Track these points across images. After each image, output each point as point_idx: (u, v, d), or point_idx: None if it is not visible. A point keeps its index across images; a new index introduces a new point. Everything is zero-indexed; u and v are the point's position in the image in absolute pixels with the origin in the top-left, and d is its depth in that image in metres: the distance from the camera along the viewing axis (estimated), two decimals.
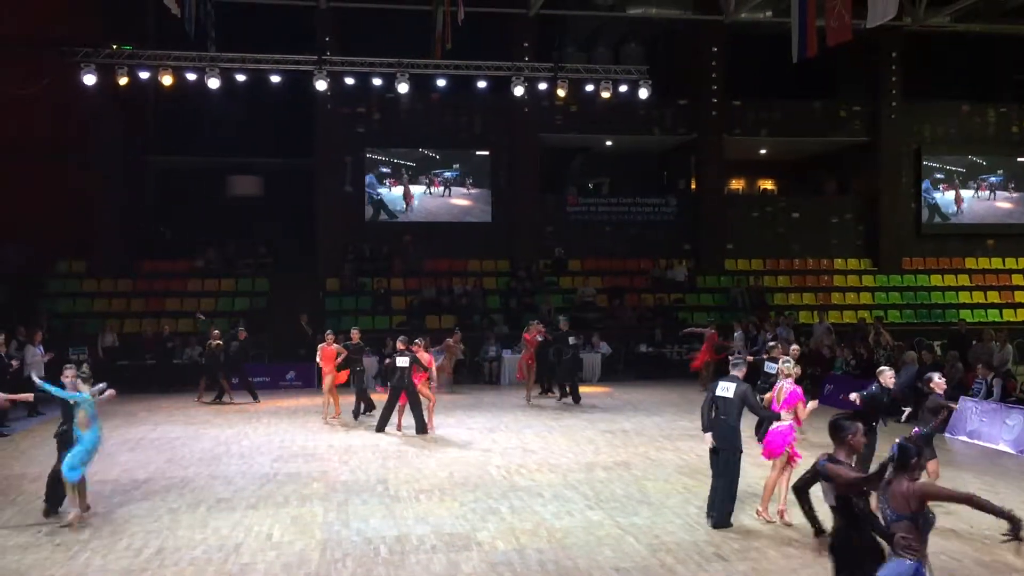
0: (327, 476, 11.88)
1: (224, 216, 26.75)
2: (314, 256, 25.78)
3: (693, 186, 28.09)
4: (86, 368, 10.02)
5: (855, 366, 19.35)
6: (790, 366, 10.37)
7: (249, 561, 8.31)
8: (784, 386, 10.02)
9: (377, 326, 23.21)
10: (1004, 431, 14.22)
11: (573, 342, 18.96)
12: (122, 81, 20.84)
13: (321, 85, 21.82)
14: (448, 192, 26.23)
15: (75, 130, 24.13)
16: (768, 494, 9.62)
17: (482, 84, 23.24)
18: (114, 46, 21.09)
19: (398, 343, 15.29)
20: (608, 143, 28.40)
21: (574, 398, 18.66)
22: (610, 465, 12.49)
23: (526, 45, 25.29)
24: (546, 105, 25.48)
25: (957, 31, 26.12)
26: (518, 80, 22.68)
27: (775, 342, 15.53)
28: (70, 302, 23.67)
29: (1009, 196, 28.53)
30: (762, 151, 29.90)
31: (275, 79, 21.87)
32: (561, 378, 19.15)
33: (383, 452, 13.52)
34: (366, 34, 24.17)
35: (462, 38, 19.67)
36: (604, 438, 14.64)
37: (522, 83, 22.71)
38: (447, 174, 26.20)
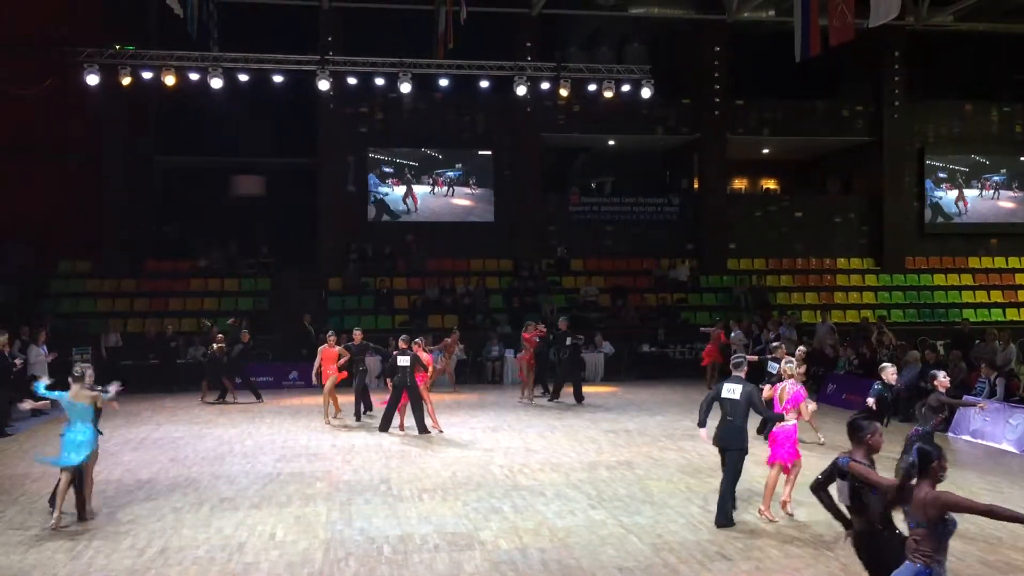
0: (330, 476, 11.89)
1: (227, 216, 26.79)
2: (317, 256, 25.82)
3: (696, 186, 28.07)
4: (78, 368, 9.79)
5: (858, 366, 19.34)
6: (792, 367, 10.42)
7: (252, 560, 8.31)
8: (787, 387, 10.07)
9: (380, 326, 23.22)
10: (1007, 431, 14.20)
11: (571, 342, 18.96)
12: (125, 81, 20.88)
13: (324, 85, 21.83)
14: (451, 192, 26.24)
15: (78, 130, 24.15)
16: (770, 493, 9.62)
17: (485, 84, 23.22)
18: (117, 46, 21.11)
19: (400, 342, 15.31)
20: (611, 143, 28.41)
21: (577, 397, 18.64)
22: (613, 464, 12.49)
23: (529, 45, 25.30)
24: (549, 105, 25.48)
25: (960, 30, 26.13)
26: (521, 80, 22.68)
27: (779, 342, 15.52)
28: (74, 302, 23.68)
29: (1012, 195, 28.49)
30: (765, 151, 29.88)
31: (278, 79, 21.88)
32: (560, 378, 19.16)
33: (386, 452, 13.53)
34: (369, 34, 24.17)
35: (465, 38, 19.69)
36: (607, 438, 14.64)
37: (525, 83, 22.71)
38: (450, 174, 26.21)
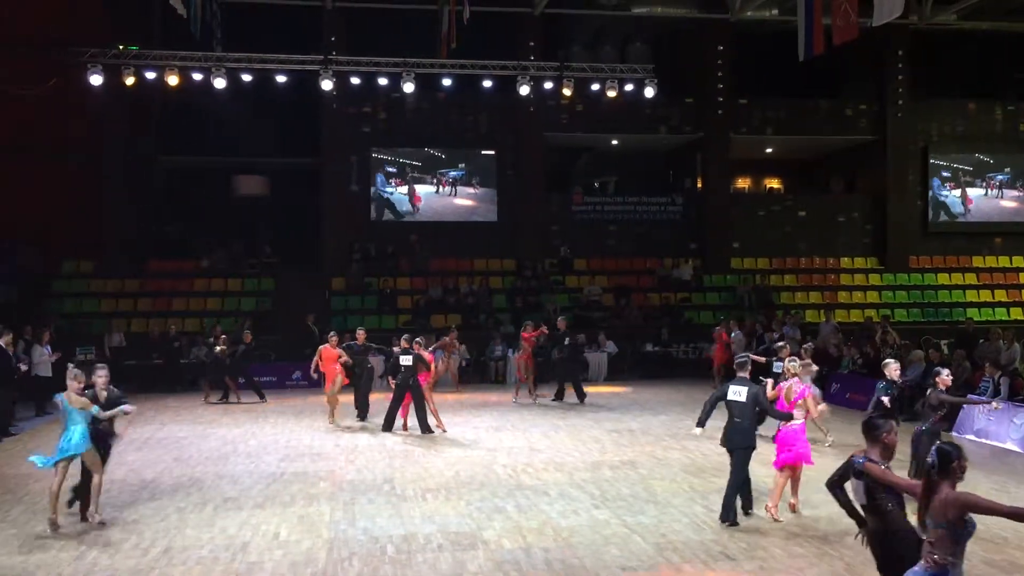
0: (334, 475, 11.89)
1: (230, 216, 26.80)
2: (320, 256, 25.82)
3: (699, 185, 28.05)
4: (75, 370, 9.42)
5: (862, 365, 19.31)
6: (795, 365, 10.43)
7: (256, 560, 8.31)
8: (793, 386, 10.08)
9: (383, 326, 23.21)
10: (1012, 430, 14.16)
11: (569, 341, 18.98)
12: (128, 81, 20.93)
13: (327, 85, 21.86)
14: (454, 192, 26.24)
15: (80, 130, 24.16)
16: (779, 492, 9.63)
17: (488, 83, 23.24)
18: (120, 46, 21.14)
19: (402, 341, 15.30)
20: (614, 142, 28.39)
21: (579, 396, 18.67)
22: (616, 464, 12.49)
23: (532, 44, 25.28)
24: (552, 104, 25.45)
25: (963, 29, 26.10)
26: (524, 79, 22.69)
27: (783, 342, 15.51)
28: (77, 302, 23.72)
29: (1016, 194, 28.42)
30: (768, 150, 29.85)
31: (281, 79, 21.90)
32: (560, 378, 19.15)
33: (389, 451, 13.53)
34: (372, 34, 24.17)
35: (467, 37, 19.69)
36: (610, 437, 14.63)
37: (528, 82, 22.72)
38: (453, 173, 26.21)
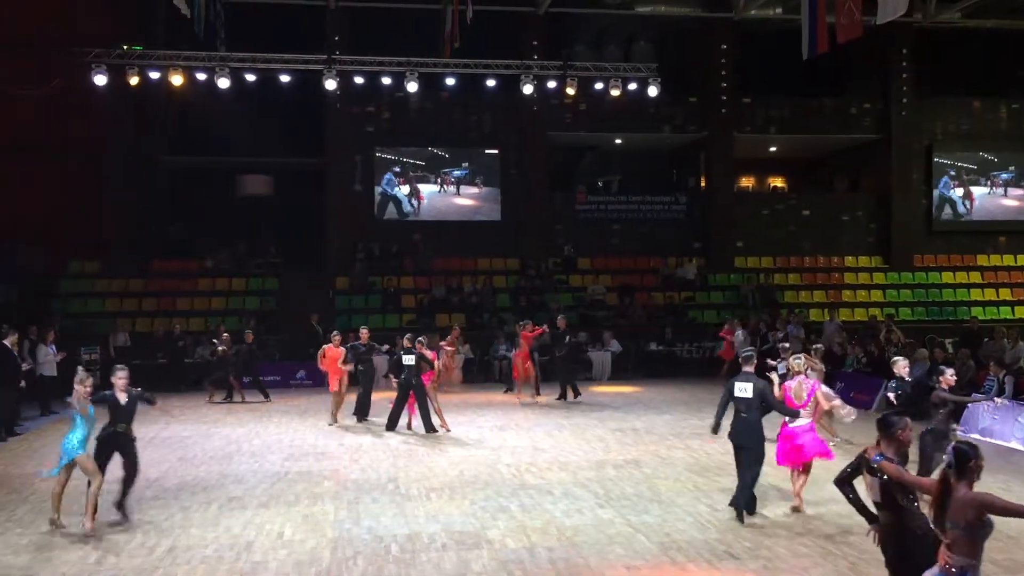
0: (338, 474, 11.90)
1: (234, 216, 26.84)
2: (324, 255, 25.85)
3: (703, 184, 28.04)
4: (82, 373, 9.52)
5: (866, 364, 19.28)
6: (800, 363, 10.45)
7: (261, 559, 8.32)
8: (801, 383, 10.10)
9: (387, 325, 23.23)
10: (1016, 429, 14.13)
11: (568, 340, 18.99)
12: (133, 81, 20.95)
13: (331, 84, 21.87)
14: (457, 191, 26.25)
15: (84, 130, 24.17)
16: (801, 486, 9.76)
17: (491, 83, 23.23)
18: (124, 47, 21.16)
19: (404, 341, 15.30)
20: (617, 141, 28.37)
21: (573, 393, 18.69)
22: (620, 463, 12.48)
23: (535, 43, 25.30)
24: (555, 103, 25.44)
25: (968, 27, 26.03)
26: (527, 78, 22.67)
27: (788, 343, 15.50)
28: (82, 302, 23.77)
29: (1021, 193, 28.33)
30: (772, 149, 29.81)
31: (285, 79, 21.93)
32: (560, 376, 19.15)
33: (393, 451, 13.54)
34: (375, 33, 24.18)
35: (471, 37, 19.71)
36: (614, 436, 14.63)
37: (531, 81, 22.71)
38: (456, 173, 26.22)
